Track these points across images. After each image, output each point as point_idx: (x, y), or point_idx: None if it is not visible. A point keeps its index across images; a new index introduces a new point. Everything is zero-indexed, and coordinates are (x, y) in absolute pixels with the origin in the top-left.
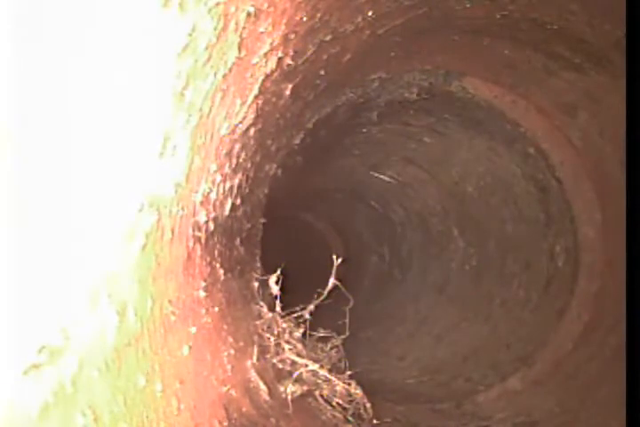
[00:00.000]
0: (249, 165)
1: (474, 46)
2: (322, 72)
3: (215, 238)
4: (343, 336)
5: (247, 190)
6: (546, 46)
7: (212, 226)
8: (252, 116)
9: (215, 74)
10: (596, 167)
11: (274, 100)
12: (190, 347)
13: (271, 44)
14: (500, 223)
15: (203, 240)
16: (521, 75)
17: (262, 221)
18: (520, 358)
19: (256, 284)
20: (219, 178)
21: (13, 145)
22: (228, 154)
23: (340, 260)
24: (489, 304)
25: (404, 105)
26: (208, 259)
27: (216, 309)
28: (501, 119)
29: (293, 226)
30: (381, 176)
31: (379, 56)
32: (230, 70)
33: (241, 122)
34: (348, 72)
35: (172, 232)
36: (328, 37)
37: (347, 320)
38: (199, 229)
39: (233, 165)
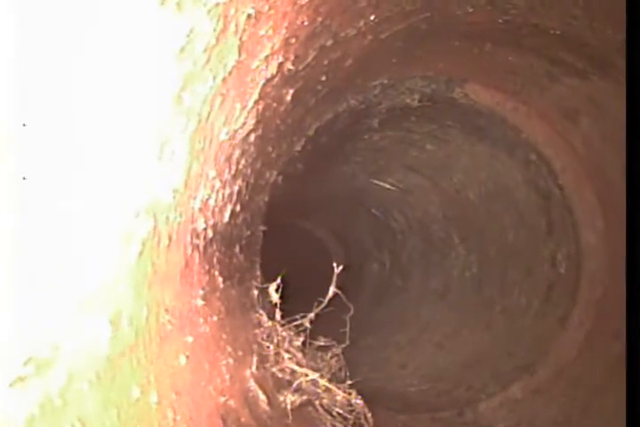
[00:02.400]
0: (249, 172)
1: (476, 52)
2: (323, 77)
3: (214, 246)
4: (343, 345)
5: (247, 197)
6: (548, 52)
7: (210, 233)
8: (252, 121)
9: (214, 77)
10: (598, 173)
11: (274, 105)
12: (187, 357)
13: (272, 47)
14: (501, 230)
15: (201, 248)
16: (523, 81)
17: (262, 228)
18: (522, 366)
19: (255, 292)
20: (218, 184)
21: (14, 147)
22: (228, 160)
23: (340, 267)
24: (490, 312)
25: (406, 111)
26: (207, 267)
27: (214, 317)
28: (503, 126)
29: (294, 233)
30: (382, 183)
31: (380, 62)
32: (230, 74)
33: (241, 127)
34: (350, 78)
35: (170, 239)
36: (329, 42)
37: (347, 329)
38: (197, 237)
39: (232, 172)
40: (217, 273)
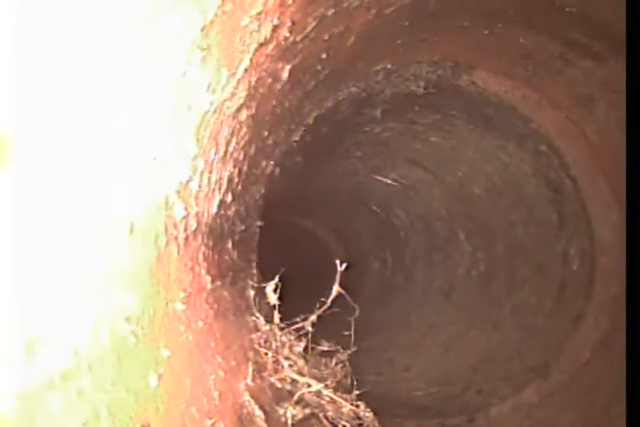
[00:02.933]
0: (241, 157)
1: (485, 33)
2: (323, 55)
3: (199, 239)
4: (349, 351)
5: (240, 187)
6: (563, 32)
7: (193, 223)
8: (242, 93)
9: (190, 20)
10: (613, 164)
11: (269, 81)
12: (160, 376)
13: (264, 4)
14: (509, 226)
15: (181, 240)
16: (534, 65)
17: (259, 224)
18: (534, 368)
19: (252, 292)
20: (201, 165)
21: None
22: (214, 137)
23: (344, 266)
24: (499, 311)
25: (410, 100)
26: (189, 263)
27: (200, 323)
28: (512, 115)
29: (292, 231)
30: (384, 179)
31: (384, 42)
32: (211, 23)
33: (229, 99)
34: (352, 59)
35: (131, 226)
36: (330, 11)
37: (352, 332)
38: (175, 226)
39: (220, 153)
40: (203, 271)
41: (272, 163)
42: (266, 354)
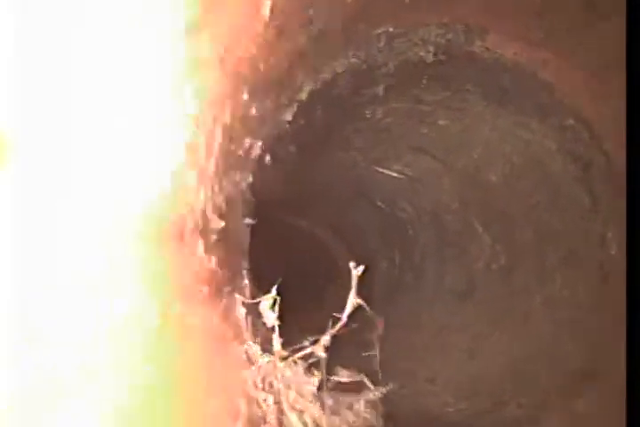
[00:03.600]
0: (212, 125)
1: None
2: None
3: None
4: (383, 390)
5: (220, 172)
6: None
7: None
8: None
9: None
10: None
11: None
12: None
13: None
14: (532, 211)
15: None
16: (555, 25)
17: (249, 221)
18: (580, 373)
19: (243, 310)
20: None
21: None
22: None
23: (360, 269)
24: (527, 307)
25: (417, 71)
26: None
27: (149, 368)
28: (532, 85)
29: (288, 230)
30: (387, 171)
31: (388, 1)
32: None
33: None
34: (350, 19)
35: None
36: None
37: (377, 352)
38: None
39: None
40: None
41: (259, 144)
42: (264, 400)
